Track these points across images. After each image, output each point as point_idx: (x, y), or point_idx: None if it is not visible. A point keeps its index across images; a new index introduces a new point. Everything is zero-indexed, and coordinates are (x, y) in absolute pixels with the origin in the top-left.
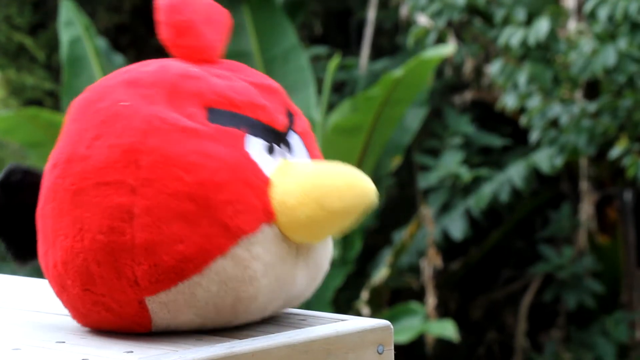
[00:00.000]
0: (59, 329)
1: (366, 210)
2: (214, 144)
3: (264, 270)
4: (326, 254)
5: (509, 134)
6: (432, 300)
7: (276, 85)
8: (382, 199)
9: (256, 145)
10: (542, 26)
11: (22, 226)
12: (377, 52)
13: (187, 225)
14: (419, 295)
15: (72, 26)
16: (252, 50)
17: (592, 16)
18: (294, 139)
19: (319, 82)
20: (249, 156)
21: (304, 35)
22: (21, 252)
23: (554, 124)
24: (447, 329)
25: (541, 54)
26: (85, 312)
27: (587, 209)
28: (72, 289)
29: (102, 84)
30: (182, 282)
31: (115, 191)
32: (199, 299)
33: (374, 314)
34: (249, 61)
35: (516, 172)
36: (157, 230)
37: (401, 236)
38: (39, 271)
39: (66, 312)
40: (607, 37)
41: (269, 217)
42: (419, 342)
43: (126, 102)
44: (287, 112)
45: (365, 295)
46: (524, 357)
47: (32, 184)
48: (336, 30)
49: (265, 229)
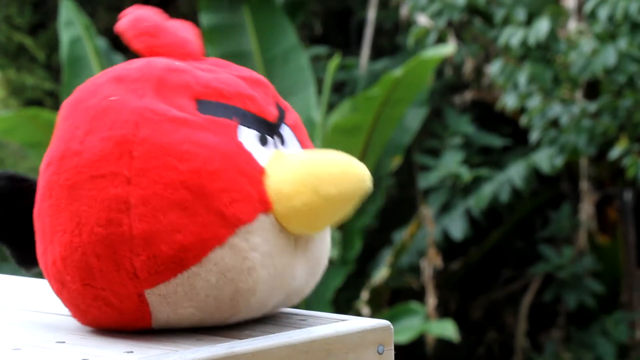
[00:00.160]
0: (59, 329)
1: (362, 196)
2: (205, 133)
3: (263, 261)
4: (325, 248)
5: (509, 134)
6: (432, 300)
7: (262, 78)
8: (382, 199)
9: (248, 135)
10: (542, 26)
11: (21, 233)
12: (377, 52)
13: (183, 214)
14: (419, 295)
15: (72, 26)
16: (252, 50)
17: (592, 16)
18: (286, 131)
19: (319, 82)
20: (242, 145)
21: (304, 35)
22: (24, 259)
23: (554, 124)
24: (447, 329)
25: (541, 54)
26: (85, 309)
27: (587, 209)
28: (71, 284)
29: (91, 82)
30: (181, 274)
31: (110, 183)
32: (198, 290)
33: (374, 314)
34: (249, 61)
35: (516, 172)
36: (154, 219)
37: (401, 236)
38: (39, 271)
39: (66, 312)
40: (607, 37)
41: (265, 206)
42: (419, 342)
43: (115, 97)
44: (277, 104)
45: (365, 295)
46: (524, 357)
47: (19, 189)
48: (336, 30)
49: (262, 218)
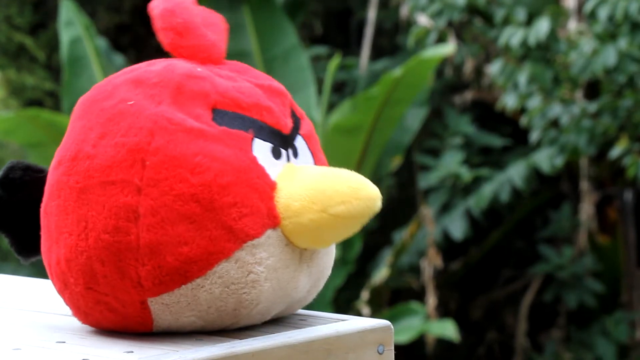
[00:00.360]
0: (59, 329)
1: (371, 216)
2: (220, 145)
3: (267, 274)
4: (329, 260)
5: (509, 134)
6: (432, 300)
7: (281, 87)
8: (382, 199)
9: (262, 148)
10: (542, 26)
11: (26, 222)
12: (377, 52)
13: (192, 226)
14: (419, 295)
15: (72, 26)
16: (252, 50)
17: (592, 16)
18: (299, 142)
19: (319, 82)
20: (255, 159)
21: (304, 35)
22: (25, 248)
23: (554, 124)
24: (448, 329)
25: (541, 54)
26: (87, 311)
27: (587, 209)
28: (74, 286)
29: (108, 82)
30: (185, 285)
31: (120, 190)
32: (201, 301)
33: (374, 314)
34: (249, 61)
35: (516, 172)
36: (162, 231)
37: (401, 236)
38: (40, 271)
39: (67, 312)
40: (607, 37)
41: (273, 221)
42: (419, 342)
43: (131, 102)
44: (292, 114)
45: (365, 295)
46: (524, 357)
47: (33, 180)
48: (336, 30)
49: (269, 233)
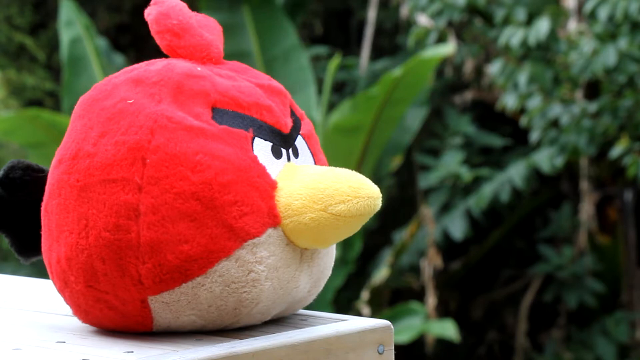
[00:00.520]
0: (59, 328)
1: (371, 215)
2: (220, 144)
3: (268, 273)
4: (330, 260)
5: (509, 134)
6: (432, 300)
7: (281, 87)
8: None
9: (263, 147)
10: (542, 26)
11: (26, 222)
12: (378, 52)
13: (192, 224)
14: (419, 295)
15: (72, 26)
16: (252, 50)
17: (592, 16)
18: (299, 142)
19: (320, 82)
20: (255, 158)
21: (304, 35)
22: (25, 248)
23: (554, 124)
24: (448, 329)
25: (541, 54)
26: (87, 309)
27: (587, 209)
28: (75, 285)
29: (108, 81)
30: (185, 283)
31: (121, 188)
32: (202, 300)
33: (375, 314)
34: (250, 61)
35: (516, 172)
36: (162, 229)
37: (401, 236)
38: (40, 271)
39: (67, 312)
40: (607, 37)
41: (274, 220)
42: (419, 342)
43: (131, 100)
44: (292, 114)
45: (365, 295)
46: (524, 357)
47: (33, 180)
48: (336, 30)
49: (270, 232)
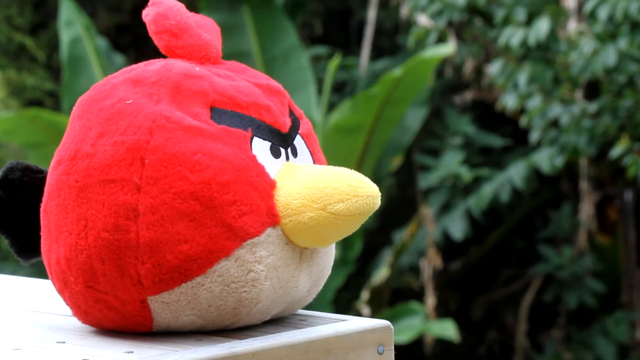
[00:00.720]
0: (59, 329)
1: (370, 214)
2: (219, 144)
3: (267, 273)
4: (329, 259)
5: (509, 134)
6: (432, 300)
7: (279, 86)
8: (382, 199)
9: (261, 147)
10: (542, 26)
11: (25, 223)
12: (378, 52)
13: (191, 224)
14: (419, 295)
15: (72, 26)
16: (252, 50)
17: (592, 16)
18: (298, 141)
19: (319, 82)
20: (254, 158)
21: (304, 35)
22: (24, 249)
23: (554, 124)
24: (448, 329)
25: (541, 54)
26: (86, 310)
27: (587, 209)
28: (74, 285)
29: (107, 82)
30: (185, 283)
31: (120, 189)
32: (201, 300)
33: (374, 314)
34: (249, 61)
35: (516, 172)
36: (162, 229)
37: (401, 236)
38: (40, 271)
39: (66, 312)
40: (607, 37)
41: (273, 219)
42: (419, 342)
43: (129, 101)
44: (291, 113)
45: (365, 295)
46: (524, 357)
47: (32, 181)
48: (336, 30)
49: (269, 231)
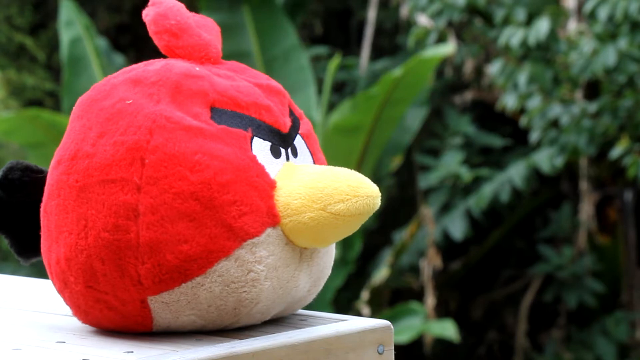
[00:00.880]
0: (59, 329)
1: (371, 214)
2: (219, 144)
3: (267, 273)
4: (329, 259)
5: (509, 134)
6: (432, 300)
7: (279, 86)
8: (382, 199)
9: (261, 147)
10: (542, 26)
11: (25, 223)
12: (378, 52)
13: (191, 224)
14: (419, 295)
15: (72, 26)
16: (252, 50)
17: (592, 16)
18: (298, 141)
19: (319, 82)
20: (254, 158)
21: (304, 35)
22: (24, 249)
23: (554, 124)
24: (448, 329)
25: (541, 54)
26: (86, 310)
27: (587, 209)
28: (74, 285)
29: (107, 82)
30: (185, 283)
31: (120, 189)
32: (201, 300)
33: (374, 314)
34: (249, 61)
35: (516, 172)
36: (162, 229)
37: (401, 236)
38: (40, 271)
39: (66, 312)
40: (607, 37)
41: (273, 219)
42: (419, 342)
43: (129, 101)
44: (291, 113)
45: (365, 295)
46: (524, 357)
47: (32, 181)
48: (336, 30)
49: (269, 231)
